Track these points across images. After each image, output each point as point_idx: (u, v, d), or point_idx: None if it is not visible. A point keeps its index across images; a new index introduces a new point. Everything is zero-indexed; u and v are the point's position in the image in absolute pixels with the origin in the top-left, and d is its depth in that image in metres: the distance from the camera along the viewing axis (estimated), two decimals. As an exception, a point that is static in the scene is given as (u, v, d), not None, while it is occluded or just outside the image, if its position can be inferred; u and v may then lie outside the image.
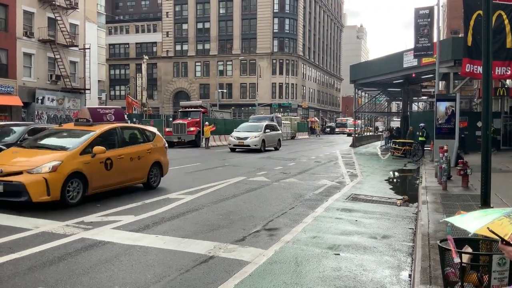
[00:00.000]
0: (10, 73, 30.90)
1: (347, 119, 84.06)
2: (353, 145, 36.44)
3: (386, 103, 56.35)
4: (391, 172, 17.74)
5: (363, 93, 44.55)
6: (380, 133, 47.58)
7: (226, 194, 11.20)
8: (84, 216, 8.20)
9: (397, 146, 26.35)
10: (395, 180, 16.05)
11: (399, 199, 10.73)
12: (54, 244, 6.37)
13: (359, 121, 45.81)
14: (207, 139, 32.65)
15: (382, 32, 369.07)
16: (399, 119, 44.15)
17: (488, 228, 2.53)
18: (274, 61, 74.49)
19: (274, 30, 74.39)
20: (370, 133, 54.48)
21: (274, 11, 74.18)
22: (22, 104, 31.39)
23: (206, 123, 33.35)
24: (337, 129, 73.94)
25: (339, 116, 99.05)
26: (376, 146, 37.48)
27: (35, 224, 7.52)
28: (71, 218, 8.00)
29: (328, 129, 76.57)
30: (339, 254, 6.19)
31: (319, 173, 16.53)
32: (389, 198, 11.17)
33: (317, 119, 77.32)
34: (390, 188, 13.29)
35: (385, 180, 15.25)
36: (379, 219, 8.62)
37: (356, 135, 40.07)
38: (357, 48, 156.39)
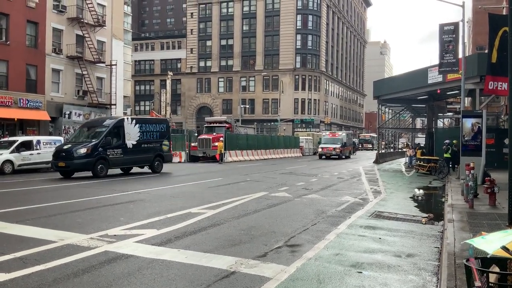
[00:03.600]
0: (39, 89, 31.81)
1: (370, 135, 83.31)
2: (377, 161, 36.02)
3: (411, 119, 55.63)
4: (415, 190, 17.43)
5: (386, 109, 44.13)
6: (404, 150, 46.47)
7: (248, 209, 11.18)
8: (108, 229, 8.30)
9: (422, 163, 25.92)
10: (420, 197, 15.75)
11: (424, 217, 10.52)
12: (78, 257, 6.46)
13: (372, 135, 45.35)
14: (221, 154, 33.14)
15: (405, 47, 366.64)
16: (424, 136, 43.47)
17: (503, 247, 2.47)
18: (297, 77, 74.68)
19: (297, 46, 74.74)
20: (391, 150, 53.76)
21: (297, 27, 74.65)
22: (49, 119, 32.19)
23: (221, 139, 33.79)
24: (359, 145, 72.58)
25: (362, 132, 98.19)
26: (400, 163, 36.93)
27: (60, 237, 7.64)
28: (95, 231, 8.11)
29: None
30: (362, 272, 6.09)
31: (342, 189, 16.37)
32: (413, 216, 10.96)
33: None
34: (415, 206, 13.04)
35: (410, 197, 14.98)
36: (404, 237, 8.46)
37: (380, 151, 39.62)
38: (381, 63, 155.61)
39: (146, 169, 23.35)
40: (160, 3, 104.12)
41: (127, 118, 21.80)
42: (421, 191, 17.14)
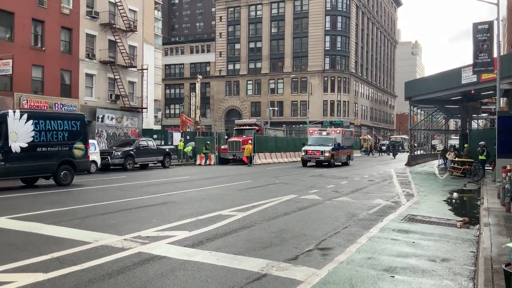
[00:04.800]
0: (73, 93, 32.71)
1: (401, 137, 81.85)
2: (409, 163, 35.36)
3: (444, 120, 54.39)
4: (450, 192, 17.01)
5: (418, 110, 43.28)
6: (438, 152, 45.00)
7: (278, 212, 11.17)
8: (140, 231, 8.45)
9: (456, 166, 25.28)
10: (454, 200, 15.36)
11: (459, 221, 10.25)
12: (112, 258, 6.60)
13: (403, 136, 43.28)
14: (250, 156, 33.30)
15: (437, 47, 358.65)
16: (458, 137, 42.39)
17: None
18: (326, 78, 74.19)
19: (326, 48, 74.28)
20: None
21: (326, 29, 74.20)
22: (84, 123, 33.01)
23: (249, 141, 33.89)
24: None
25: (393, 134, 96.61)
26: (433, 165, 36.13)
27: (94, 238, 7.83)
28: (129, 232, 8.27)
29: (383, 147, 70.45)
30: (395, 277, 5.99)
31: (373, 192, 16.14)
32: (448, 219, 10.70)
33: (369, 137, 75.85)
34: (449, 209, 12.73)
35: (444, 200, 14.63)
36: (438, 241, 8.27)
37: (412, 153, 38.84)
38: (412, 64, 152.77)
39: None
40: (189, 7, 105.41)
41: (14, 112, 16.39)
42: (456, 194, 16.73)
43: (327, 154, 30.57)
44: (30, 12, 29.03)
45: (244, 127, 38.51)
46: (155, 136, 37.28)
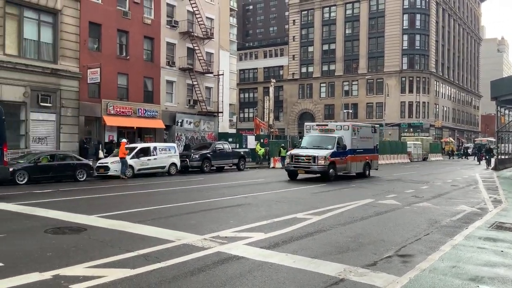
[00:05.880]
0: (155, 99, 34.43)
1: (487, 140, 76.82)
2: (495, 168, 33.08)
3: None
4: (543, 199, 15.67)
5: (506, 111, 40.34)
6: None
7: (354, 216, 10.97)
8: (219, 231, 8.71)
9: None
10: (549, 208, 14.12)
11: (555, 230, 9.42)
12: (194, 256, 6.88)
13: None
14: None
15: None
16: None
17: None
18: (403, 79, 71.55)
19: (403, 47, 71.67)
20: None
21: (404, 27, 71.61)
22: (164, 127, 34.66)
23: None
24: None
25: (478, 136, 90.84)
26: (524, 170, 33.48)
27: (177, 236, 8.19)
28: (208, 232, 8.56)
29: (469, 150, 65.95)
30: (480, 287, 5.65)
31: (457, 197, 15.31)
32: (542, 228, 9.87)
33: (452, 140, 71.96)
34: (543, 217, 11.74)
35: (537, 208, 13.52)
36: (531, 251, 7.67)
37: (500, 157, 36.28)
38: (498, 62, 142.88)
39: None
40: (263, 12, 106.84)
41: None
42: (551, 202, 15.36)
43: (321, 162, 20.59)
44: (115, 23, 31.02)
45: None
46: (230, 140, 38.15)
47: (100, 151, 27.02)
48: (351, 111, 71.88)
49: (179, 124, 36.43)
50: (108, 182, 20.81)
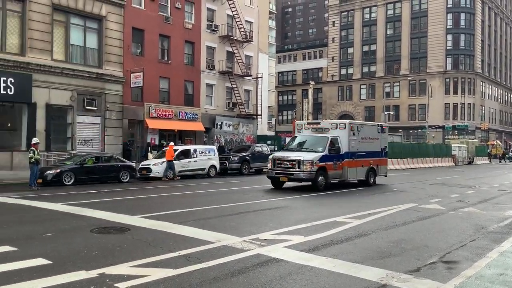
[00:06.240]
0: (195, 102, 34.98)
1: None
2: (547, 172, 31.54)
3: None
4: None
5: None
6: None
7: (396, 220, 10.74)
8: (258, 233, 8.75)
9: None
10: None
11: None
12: (234, 258, 6.93)
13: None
14: None
15: None
16: None
17: None
18: (447, 79, 69.46)
19: (447, 47, 69.61)
20: None
21: (447, 27, 69.57)
22: (204, 129, 35.15)
23: None
24: None
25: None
26: None
27: (217, 238, 8.29)
28: (248, 234, 8.62)
29: None
30: (534, 297, 5.41)
31: (505, 203, 14.70)
32: None
33: (499, 142, 69.16)
34: None
35: None
36: None
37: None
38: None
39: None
40: (302, 14, 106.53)
41: None
42: None
43: (307, 167, 17.05)
44: (157, 28, 31.77)
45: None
46: (268, 142, 38.21)
47: (149, 153, 27.70)
48: (392, 113, 70.40)
49: (219, 126, 36.85)
50: (150, 183, 21.31)
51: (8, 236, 8.15)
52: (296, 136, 19.98)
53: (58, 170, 19.19)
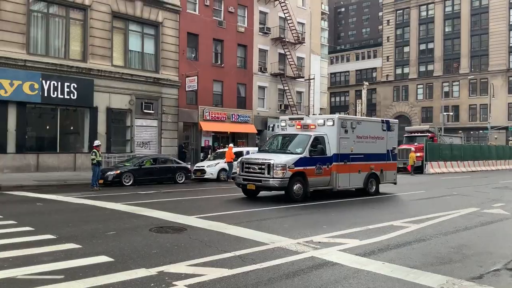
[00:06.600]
0: (247, 105, 35.33)
1: None
2: None
3: None
4: None
5: None
6: None
7: (456, 225, 10.32)
8: (312, 236, 8.71)
9: None
10: None
11: None
12: (288, 260, 6.94)
13: None
14: (413, 165, 31.57)
15: None
16: None
17: None
18: (511, 78, 65.77)
19: (510, 44, 65.93)
20: None
21: (510, 23, 65.91)
22: (256, 132, 35.42)
23: (412, 148, 32.30)
24: None
25: None
26: None
27: (271, 239, 8.33)
28: (301, 237, 8.60)
29: None
30: None
31: None
32: None
33: None
34: None
35: None
36: None
37: None
38: None
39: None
40: (355, 14, 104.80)
41: None
42: None
43: (278, 173, 13.90)
44: (211, 33, 32.39)
45: (415, 134, 36.69)
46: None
47: (209, 155, 28.30)
48: (451, 113, 67.63)
49: (271, 129, 36.95)
50: (204, 184, 21.75)
51: (73, 234, 8.60)
52: (277, 135, 16.87)
53: (118, 171, 20.01)
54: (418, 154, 32.25)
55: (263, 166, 14.21)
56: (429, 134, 36.11)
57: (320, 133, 15.37)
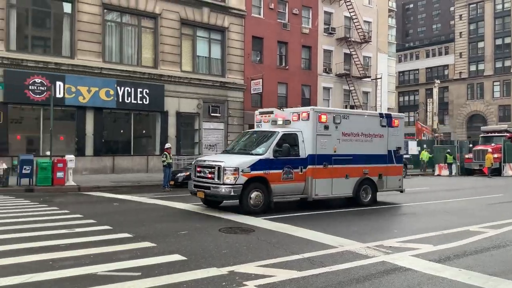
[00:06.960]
0: (312, 106, 35.07)
1: None
2: None
3: None
4: None
5: None
6: None
7: (541, 232, 9.62)
8: (383, 240, 8.49)
9: None
10: None
11: None
12: (357, 264, 6.83)
13: None
14: (490, 167, 29.71)
15: None
16: None
17: None
18: None
19: None
20: None
21: None
22: (321, 133, 35.10)
23: (489, 149, 30.34)
24: None
25: None
26: None
27: (339, 242, 8.24)
28: (372, 241, 8.42)
29: None
30: None
31: None
32: None
33: None
34: None
35: None
36: None
37: None
38: None
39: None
40: (425, 10, 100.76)
41: None
42: None
43: (230, 178, 11.44)
44: (276, 35, 32.57)
45: (492, 134, 34.60)
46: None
47: None
48: (532, 111, 63.06)
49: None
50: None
51: (148, 233, 9.01)
52: (245, 132, 15.23)
53: (188, 173, 20.58)
54: (496, 156, 30.40)
55: (213, 170, 11.79)
56: (508, 134, 33.83)
57: (291, 130, 12.76)
